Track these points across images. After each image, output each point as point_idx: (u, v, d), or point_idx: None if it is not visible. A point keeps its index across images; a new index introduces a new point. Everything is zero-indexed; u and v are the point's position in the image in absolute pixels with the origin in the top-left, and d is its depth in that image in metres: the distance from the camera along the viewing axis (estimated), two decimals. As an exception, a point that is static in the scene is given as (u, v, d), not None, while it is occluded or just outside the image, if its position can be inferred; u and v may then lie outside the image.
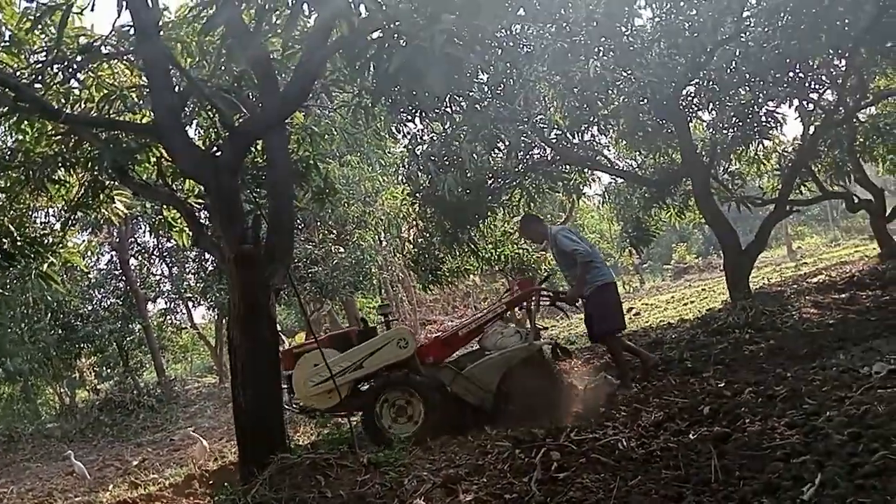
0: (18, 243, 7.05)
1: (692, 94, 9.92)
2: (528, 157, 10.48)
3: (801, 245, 28.94)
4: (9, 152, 6.76)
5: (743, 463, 3.76)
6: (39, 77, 5.64)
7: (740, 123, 9.70)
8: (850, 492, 3.05)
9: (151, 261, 21.83)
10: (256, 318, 5.27)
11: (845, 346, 6.41)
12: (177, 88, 5.53)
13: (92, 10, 4.96)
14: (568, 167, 11.35)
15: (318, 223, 17.59)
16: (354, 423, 6.40)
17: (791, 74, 9.49)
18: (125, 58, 6.13)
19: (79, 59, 5.69)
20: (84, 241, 16.39)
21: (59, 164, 6.47)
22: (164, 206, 7.68)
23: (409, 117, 9.33)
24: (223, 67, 6.11)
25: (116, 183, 6.80)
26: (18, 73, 5.66)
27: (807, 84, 10.26)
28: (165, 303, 22.81)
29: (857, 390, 4.39)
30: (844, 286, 10.63)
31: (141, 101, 6.27)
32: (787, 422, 4.17)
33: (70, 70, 5.75)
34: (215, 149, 6.23)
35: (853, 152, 12.37)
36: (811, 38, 8.26)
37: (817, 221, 35.35)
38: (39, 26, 5.65)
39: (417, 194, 10.81)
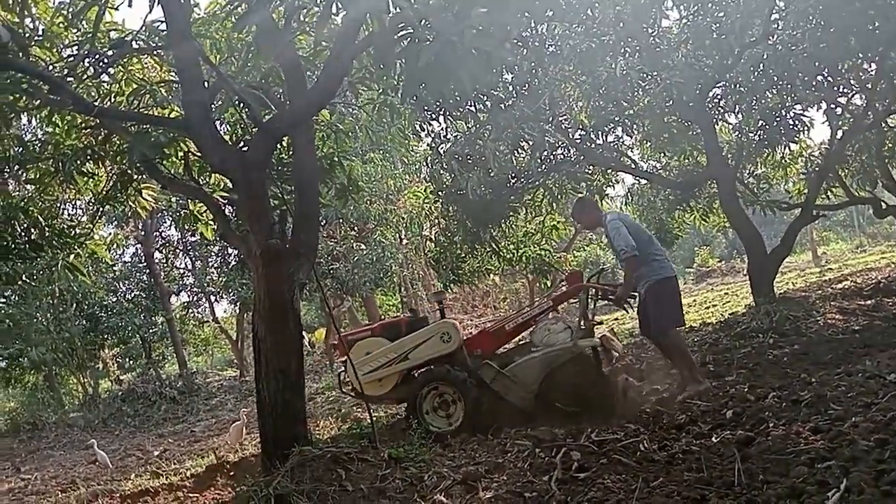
0: (47, 234, 7.17)
1: (719, 96, 9.85)
2: (551, 156, 10.45)
3: (827, 251, 28.57)
4: (39, 144, 6.87)
5: (767, 467, 3.75)
6: (71, 71, 5.72)
7: (767, 126, 9.61)
8: (876, 498, 3.03)
9: (175, 254, 22.06)
10: (281, 312, 5.31)
11: (871, 352, 6.34)
12: (206, 84, 5.58)
13: (129, 5, 5.02)
14: (591, 168, 11.31)
15: (340, 220, 17.66)
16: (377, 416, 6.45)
17: (819, 78, 9.37)
18: (155, 53, 6.19)
19: (110, 53, 5.77)
20: (111, 233, 16.65)
21: (89, 157, 6.54)
22: (191, 200, 7.75)
23: (434, 116, 9.36)
24: (251, 64, 6.17)
25: (144, 176, 6.88)
26: (51, 67, 5.75)
27: (835, 88, 10.14)
28: (188, 296, 23.06)
29: (884, 397, 4.34)
30: (870, 292, 10.50)
31: (170, 96, 6.35)
32: (812, 427, 4.14)
33: (101, 64, 5.82)
34: (243, 144, 6.29)
35: (881, 157, 12.21)
36: (840, 41, 8.17)
37: (843, 227, 34.91)
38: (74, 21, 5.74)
39: (440, 193, 10.82)
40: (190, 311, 23.62)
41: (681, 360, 6.28)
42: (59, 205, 8.07)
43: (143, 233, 19.87)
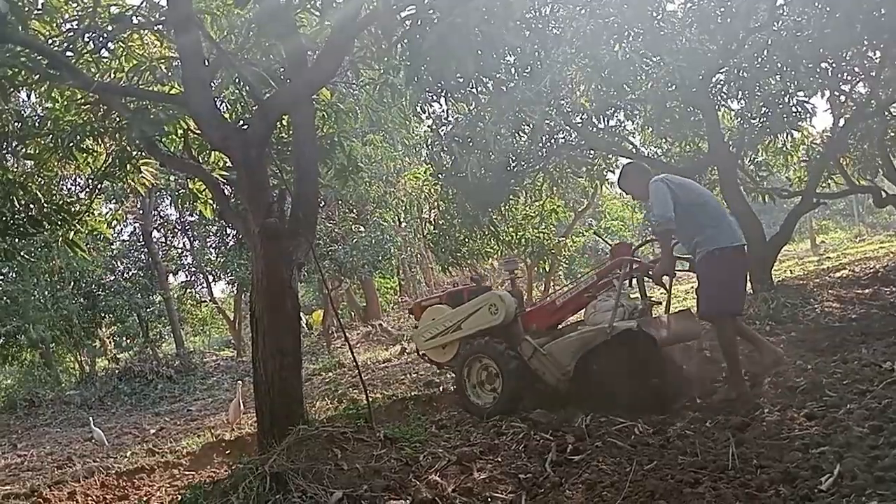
0: (45, 210, 7.13)
1: (722, 82, 9.78)
2: (552, 140, 10.42)
3: (825, 239, 28.58)
4: (38, 119, 6.83)
5: (761, 452, 3.77)
6: (71, 45, 5.67)
7: (769, 113, 9.57)
8: (869, 483, 3.05)
9: (174, 233, 22.05)
10: (279, 291, 5.31)
11: (867, 340, 6.35)
12: (206, 61, 5.54)
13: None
14: (592, 152, 11.26)
15: (339, 201, 17.65)
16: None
17: (824, 65, 9.33)
18: (156, 29, 6.14)
19: (110, 28, 5.72)
20: (110, 210, 16.61)
21: (88, 133, 6.50)
22: (190, 179, 7.73)
23: (435, 97, 9.31)
24: (252, 41, 6.12)
25: (144, 153, 6.85)
26: (50, 41, 5.70)
27: (839, 75, 10.09)
28: (186, 276, 23.08)
29: (879, 384, 4.37)
30: (868, 281, 10.51)
31: (170, 73, 6.31)
32: (807, 413, 4.17)
33: (101, 39, 5.77)
34: (242, 122, 6.25)
35: (883, 146, 12.16)
36: (846, 28, 8.12)
37: (842, 216, 34.91)
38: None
39: (440, 175, 10.79)
40: (188, 290, 23.64)
41: (729, 355, 5.30)
42: (58, 181, 8.03)
43: (141, 211, 19.83)
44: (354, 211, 18.64)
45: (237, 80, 6.05)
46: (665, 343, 5.29)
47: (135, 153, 6.95)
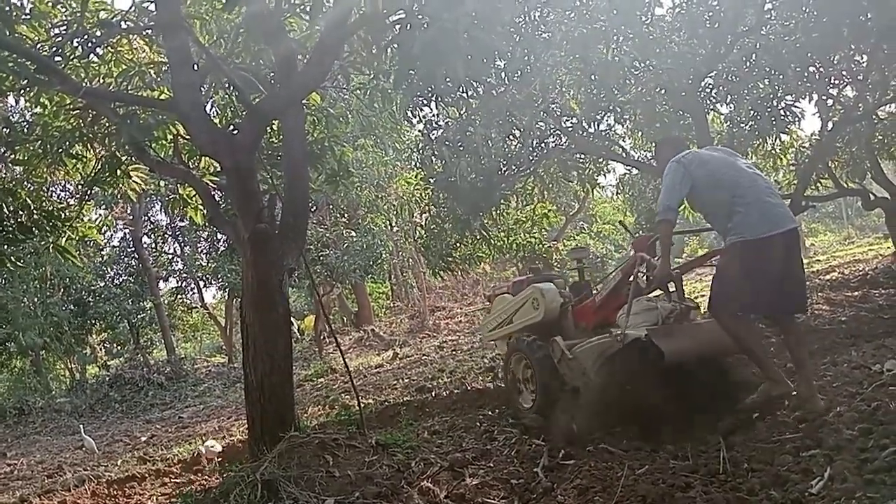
0: (35, 216, 7.09)
1: (710, 86, 9.82)
2: (543, 144, 10.42)
3: (815, 242, 28.76)
4: (27, 125, 6.79)
5: (752, 455, 3.78)
6: (59, 50, 5.65)
7: (758, 117, 9.61)
8: (859, 486, 3.05)
9: (164, 239, 21.97)
10: (269, 296, 5.30)
11: (857, 343, 6.38)
12: (196, 66, 5.53)
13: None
14: (583, 156, 11.28)
15: (330, 206, 17.62)
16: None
17: (811, 69, 9.38)
18: (144, 33, 6.13)
19: (98, 33, 5.69)
20: (100, 216, 16.54)
21: (77, 139, 6.48)
22: (180, 184, 7.70)
23: (425, 101, 9.30)
24: (241, 46, 6.12)
25: (133, 159, 6.82)
26: (38, 46, 5.67)
27: (827, 79, 10.14)
28: (177, 282, 23.00)
29: (869, 387, 4.37)
30: (857, 284, 10.58)
31: (159, 78, 6.29)
32: (798, 416, 4.17)
33: (90, 44, 5.74)
34: (232, 127, 6.24)
35: (871, 149, 12.25)
36: (833, 32, 8.17)
37: (831, 219, 35.12)
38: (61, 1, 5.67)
39: (431, 179, 10.78)
40: (178, 296, 23.56)
41: (749, 354, 4.66)
42: (47, 187, 7.98)
43: (131, 217, 19.76)
44: (345, 216, 18.61)
45: (226, 85, 6.04)
46: (682, 355, 4.74)
47: (124, 159, 6.92)
